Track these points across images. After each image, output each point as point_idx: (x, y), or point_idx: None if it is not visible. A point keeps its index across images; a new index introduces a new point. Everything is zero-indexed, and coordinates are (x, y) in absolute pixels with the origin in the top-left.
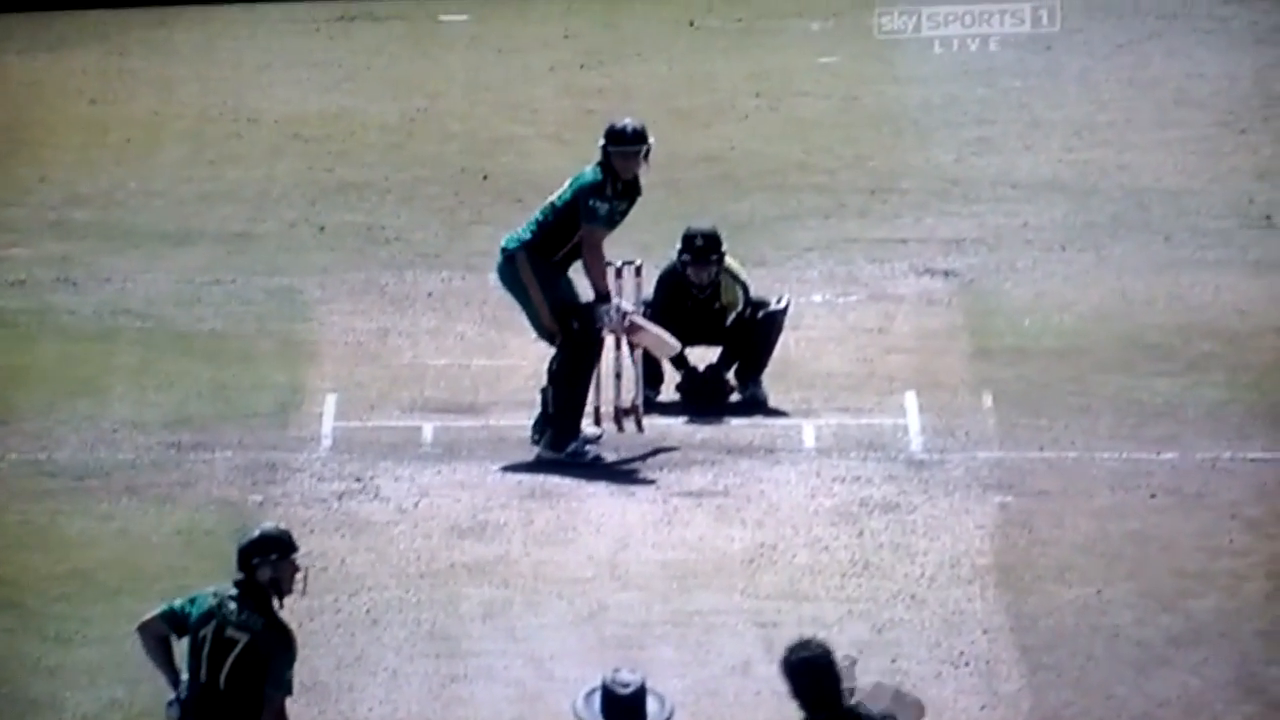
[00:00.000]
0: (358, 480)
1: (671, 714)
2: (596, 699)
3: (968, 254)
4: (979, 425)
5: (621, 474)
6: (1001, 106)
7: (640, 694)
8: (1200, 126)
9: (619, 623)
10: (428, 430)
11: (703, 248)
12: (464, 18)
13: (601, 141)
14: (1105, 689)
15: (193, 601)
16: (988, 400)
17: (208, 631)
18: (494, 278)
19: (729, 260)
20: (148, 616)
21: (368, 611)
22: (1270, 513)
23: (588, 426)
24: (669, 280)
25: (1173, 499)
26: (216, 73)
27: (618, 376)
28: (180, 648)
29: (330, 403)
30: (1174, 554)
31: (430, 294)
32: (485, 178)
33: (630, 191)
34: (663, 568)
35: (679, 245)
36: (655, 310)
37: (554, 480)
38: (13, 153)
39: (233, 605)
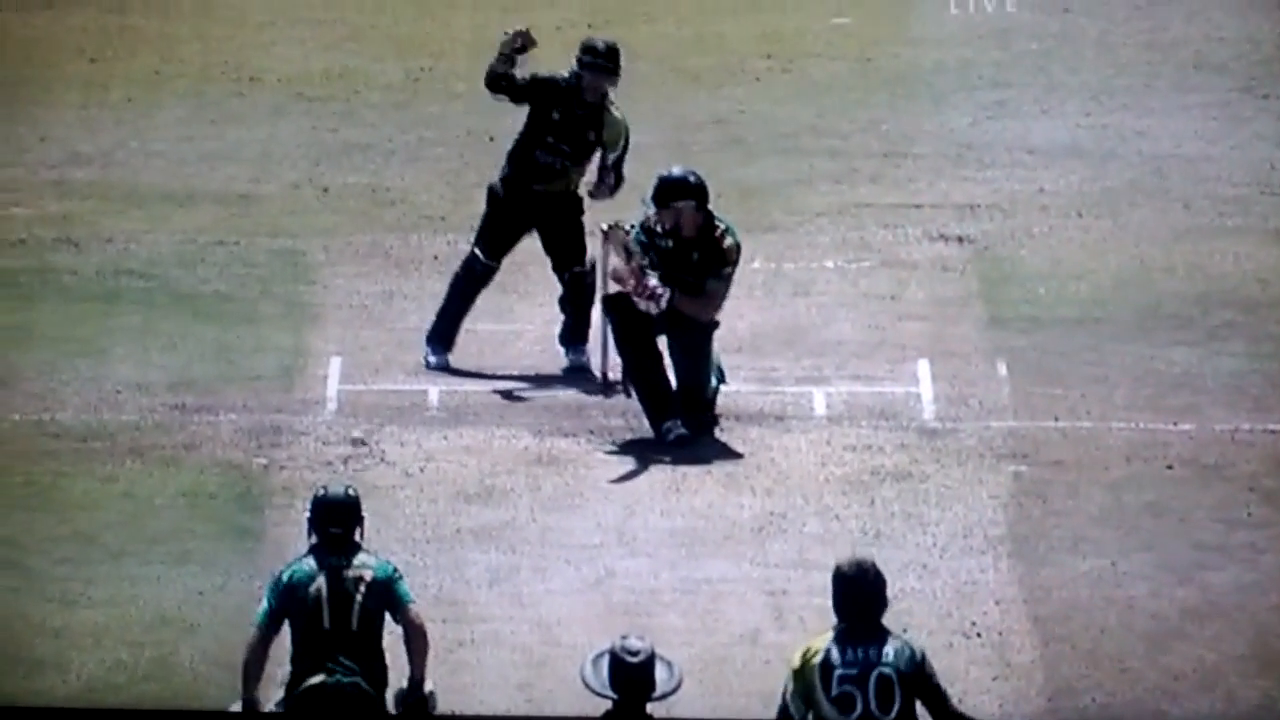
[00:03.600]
0: (363, 444)
1: (680, 682)
2: (604, 665)
3: (982, 220)
4: (993, 394)
5: (630, 440)
6: (1018, 70)
7: (649, 662)
8: (1220, 91)
9: (627, 589)
10: (433, 394)
11: (605, 54)
12: None
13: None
14: (1119, 662)
15: (277, 589)
16: (1002, 369)
17: (318, 587)
18: None
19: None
20: (250, 641)
21: None
22: None
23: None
24: (545, 84)
25: (1190, 470)
26: (218, 30)
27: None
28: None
29: (335, 365)
30: (1190, 526)
31: (436, 257)
32: (491, 139)
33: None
34: (671, 535)
35: (578, 53)
36: (531, 115)
37: (561, 446)
38: (12, 111)
39: (333, 558)
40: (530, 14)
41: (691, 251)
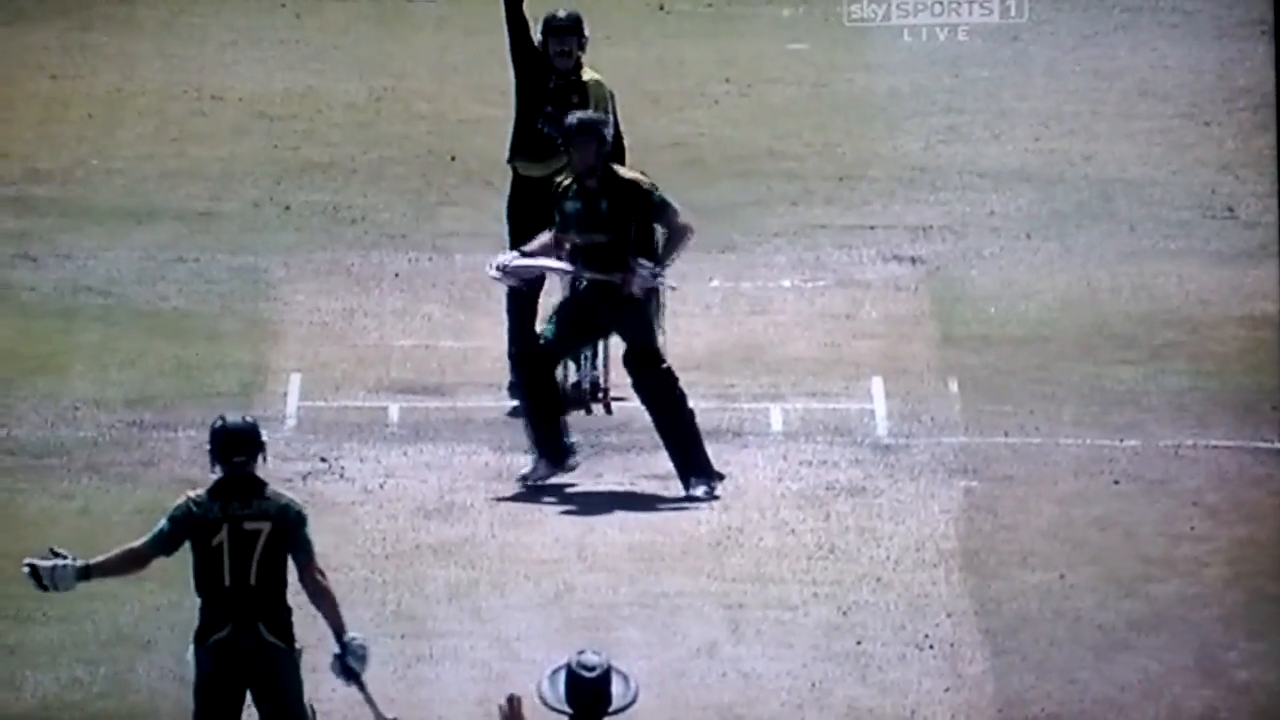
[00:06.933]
0: (323, 460)
1: (636, 696)
2: (561, 680)
3: (935, 241)
4: (945, 411)
5: (589, 456)
6: (969, 96)
7: (605, 676)
8: (1164, 118)
9: (585, 604)
10: (393, 411)
11: (565, 18)
12: None
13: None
14: (1067, 673)
15: (179, 523)
16: (953, 386)
17: (221, 537)
18: None
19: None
20: (138, 545)
21: None
22: (1230, 500)
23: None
24: (528, 55)
25: (1135, 485)
26: (180, 49)
27: (586, 358)
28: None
29: (295, 382)
30: (1136, 540)
31: (397, 274)
32: (453, 159)
33: (582, 187)
34: (629, 550)
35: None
36: (523, 89)
37: (521, 461)
38: None
39: (236, 503)
40: (493, 37)
41: (598, 201)
